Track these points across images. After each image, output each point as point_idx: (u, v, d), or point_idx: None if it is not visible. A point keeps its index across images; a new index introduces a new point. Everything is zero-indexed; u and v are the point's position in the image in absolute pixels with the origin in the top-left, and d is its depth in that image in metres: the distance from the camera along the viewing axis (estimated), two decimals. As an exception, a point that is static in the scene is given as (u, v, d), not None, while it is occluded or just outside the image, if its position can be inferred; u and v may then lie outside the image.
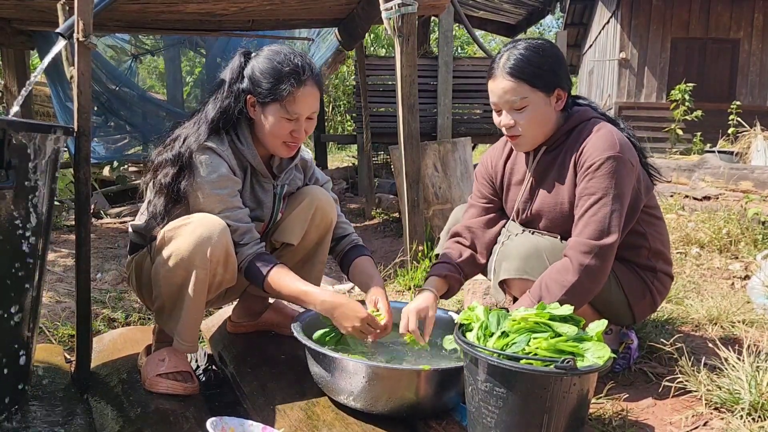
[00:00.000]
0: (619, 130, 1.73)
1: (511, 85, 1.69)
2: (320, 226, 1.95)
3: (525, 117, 1.71)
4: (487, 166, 1.98)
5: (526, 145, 1.79)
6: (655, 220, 1.85)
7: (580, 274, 1.59)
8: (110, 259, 4.00)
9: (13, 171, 1.50)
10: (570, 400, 1.29)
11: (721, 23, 10.49)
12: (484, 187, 1.98)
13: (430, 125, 7.78)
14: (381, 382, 1.53)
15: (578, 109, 1.79)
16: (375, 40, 15.73)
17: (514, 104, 1.70)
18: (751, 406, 1.52)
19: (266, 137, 1.79)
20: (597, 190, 1.64)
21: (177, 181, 1.72)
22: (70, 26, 1.82)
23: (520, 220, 1.87)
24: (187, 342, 1.78)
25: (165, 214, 1.74)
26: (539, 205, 1.81)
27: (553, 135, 1.77)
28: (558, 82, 1.72)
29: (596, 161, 1.65)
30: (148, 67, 13.69)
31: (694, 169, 5.54)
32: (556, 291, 1.58)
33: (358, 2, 4.39)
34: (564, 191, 1.74)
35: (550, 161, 1.79)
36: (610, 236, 1.61)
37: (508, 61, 1.70)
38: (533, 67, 1.68)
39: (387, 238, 4.87)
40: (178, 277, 1.69)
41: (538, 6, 9.81)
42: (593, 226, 1.62)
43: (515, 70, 1.68)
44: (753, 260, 3.06)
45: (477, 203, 1.98)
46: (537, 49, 1.71)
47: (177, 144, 1.76)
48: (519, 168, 1.89)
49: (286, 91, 1.72)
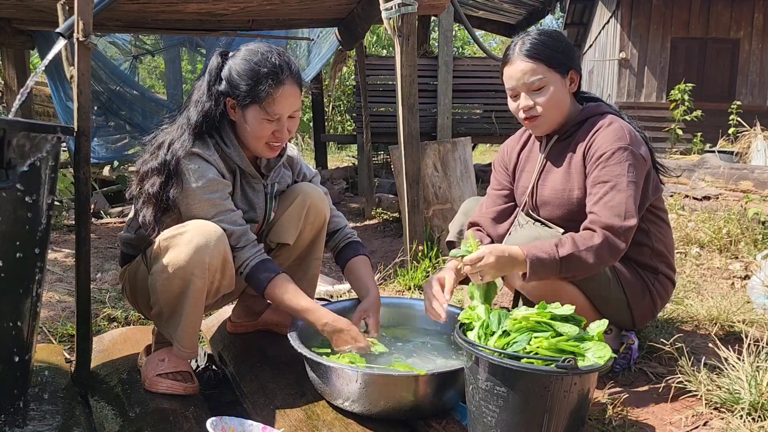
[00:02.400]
0: (629, 125, 1.76)
1: (529, 65, 1.74)
2: (314, 224, 1.94)
3: (543, 97, 1.75)
4: (503, 154, 2.04)
5: (543, 127, 1.81)
6: (661, 222, 1.86)
7: (603, 240, 1.59)
8: (110, 258, 4.00)
9: (13, 171, 1.50)
10: (571, 399, 1.29)
11: (721, 23, 10.48)
12: (501, 175, 2.03)
13: (430, 125, 7.77)
14: (377, 388, 1.53)
15: (591, 104, 1.84)
16: (376, 42, 15.73)
17: (533, 85, 1.75)
18: (751, 406, 1.52)
19: (248, 139, 1.77)
20: (611, 178, 1.66)
21: (165, 190, 1.69)
22: (70, 26, 1.82)
23: (528, 205, 1.90)
24: (187, 348, 1.77)
25: (155, 224, 1.71)
26: (547, 191, 1.84)
27: (566, 123, 1.81)
28: (571, 64, 1.78)
29: (607, 151, 1.68)
30: (148, 67, 13.69)
31: (694, 169, 5.54)
32: (576, 246, 1.58)
33: (358, 2, 4.39)
34: (572, 179, 1.78)
35: (561, 149, 1.83)
36: (629, 219, 1.62)
37: (524, 44, 1.77)
38: (549, 49, 1.75)
39: (387, 238, 4.87)
40: (176, 286, 1.67)
41: (538, 6, 9.80)
42: (610, 210, 1.63)
43: (532, 51, 1.75)
44: (753, 260, 3.06)
45: (494, 192, 2.03)
46: (549, 33, 1.79)
47: (162, 152, 1.72)
48: (532, 156, 1.93)
49: (265, 92, 1.69)
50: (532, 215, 1.88)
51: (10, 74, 5.46)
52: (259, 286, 1.74)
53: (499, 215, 1.97)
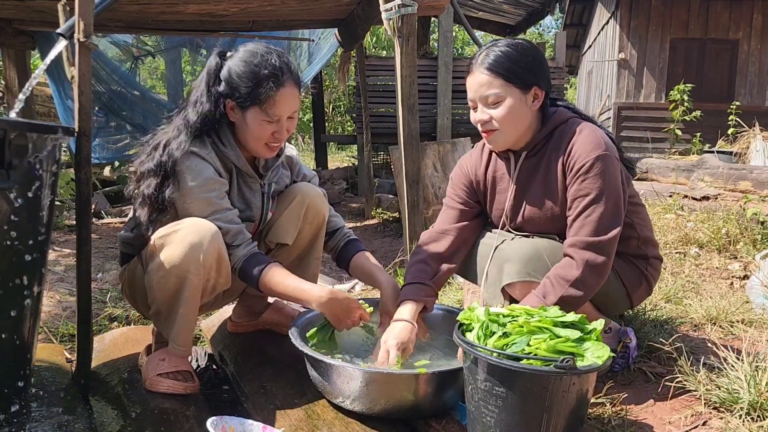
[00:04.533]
0: (597, 127, 1.74)
1: (486, 79, 1.69)
2: (313, 223, 1.94)
3: (499, 113, 1.69)
4: (467, 172, 1.93)
5: (499, 142, 1.76)
6: (639, 208, 1.85)
7: (583, 268, 1.59)
8: (111, 258, 4.00)
9: (13, 171, 1.50)
10: (569, 399, 1.30)
11: (720, 24, 10.50)
12: (462, 191, 1.92)
13: (430, 125, 7.78)
14: (378, 386, 1.54)
15: (554, 110, 1.78)
16: (376, 42, 15.72)
17: (489, 98, 1.70)
18: (750, 406, 1.52)
19: (248, 140, 1.77)
20: (591, 191, 1.64)
21: (161, 191, 1.69)
22: (70, 27, 1.82)
23: (511, 226, 1.85)
24: (182, 347, 1.78)
25: (150, 224, 1.71)
26: (529, 211, 1.79)
27: (533, 139, 1.76)
28: (535, 81, 1.70)
29: (586, 162, 1.65)
30: (148, 68, 13.68)
31: (693, 169, 5.56)
32: (560, 287, 1.58)
33: (358, 3, 4.39)
34: (553, 195, 1.73)
35: (533, 166, 1.78)
36: (610, 232, 1.62)
37: (487, 57, 1.70)
38: (510, 63, 1.68)
39: (387, 238, 4.87)
40: (172, 284, 1.68)
41: (538, 7, 9.81)
42: (590, 226, 1.63)
43: (492, 65, 1.68)
44: (752, 260, 3.06)
45: (454, 206, 1.93)
46: (516, 46, 1.71)
47: (158, 153, 1.72)
48: (501, 175, 1.86)
49: (266, 94, 1.69)
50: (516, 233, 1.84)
51: (11, 75, 5.46)
52: (252, 277, 1.73)
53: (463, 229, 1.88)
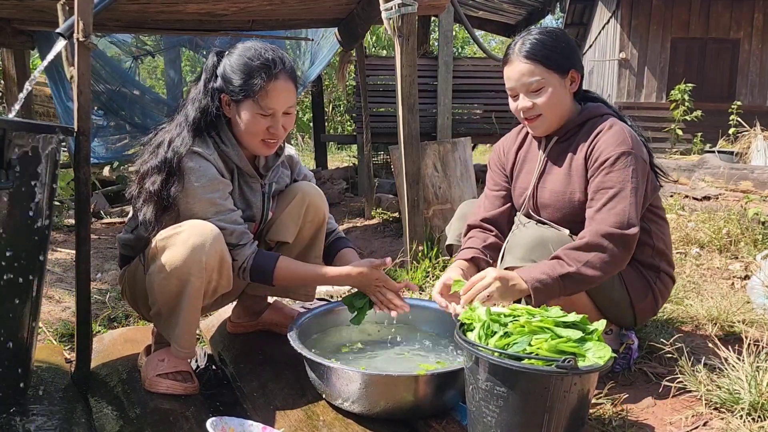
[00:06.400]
0: (629, 128, 1.76)
1: (527, 67, 1.74)
2: (314, 222, 1.95)
3: (542, 98, 1.75)
4: (500, 153, 2.02)
5: (543, 127, 1.81)
6: (660, 220, 1.87)
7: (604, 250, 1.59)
8: (110, 258, 3.99)
9: (12, 171, 1.50)
10: (571, 399, 1.30)
11: (721, 23, 10.48)
12: (498, 175, 2.00)
13: (430, 125, 7.78)
14: (377, 388, 1.53)
15: (591, 105, 1.83)
16: (376, 42, 15.72)
17: (531, 86, 1.75)
18: (750, 406, 1.52)
19: (244, 136, 1.77)
20: (614, 184, 1.66)
21: (166, 188, 1.69)
22: (70, 26, 1.82)
23: (528, 206, 1.89)
24: (185, 349, 1.77)
25: (156, 223, 1.71)
26: (548, 193, 1.83)
27: (566, 125, 1.80)
28: (571, 65, 1.77)
29: (611, 156, 1.68)
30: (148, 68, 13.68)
31: (694, 169, 5.55)
32: (573, 263, 1.58)
33: (358, 2, 4.39)
34: (573, 182, 1.77)
35: (561, 151, 1.82)
36: (632, 228, 1.62)
37: (524, 45, 1.76)
38: (547, 50, 1.74)
39: (387, 238, 4.87)
40: (173, 286, 1.67)
41: (538, 6, 9.80)
42: (614, 218, 1.63)
43: (530, 52, 1.74)
44: (753, 260, 3.06)
45: (491, 193, 2.00)
46: (550, 33, 1.78)
47: (162, 150, 1.72)
48: (531, 156, 1.92)
49: (258, 85, 1.70)
50: (533, 216, 1.87)
51: (11, 74, 5.46)
52: (266, 272, 1.75)
53: (499, 217, 1.95)
